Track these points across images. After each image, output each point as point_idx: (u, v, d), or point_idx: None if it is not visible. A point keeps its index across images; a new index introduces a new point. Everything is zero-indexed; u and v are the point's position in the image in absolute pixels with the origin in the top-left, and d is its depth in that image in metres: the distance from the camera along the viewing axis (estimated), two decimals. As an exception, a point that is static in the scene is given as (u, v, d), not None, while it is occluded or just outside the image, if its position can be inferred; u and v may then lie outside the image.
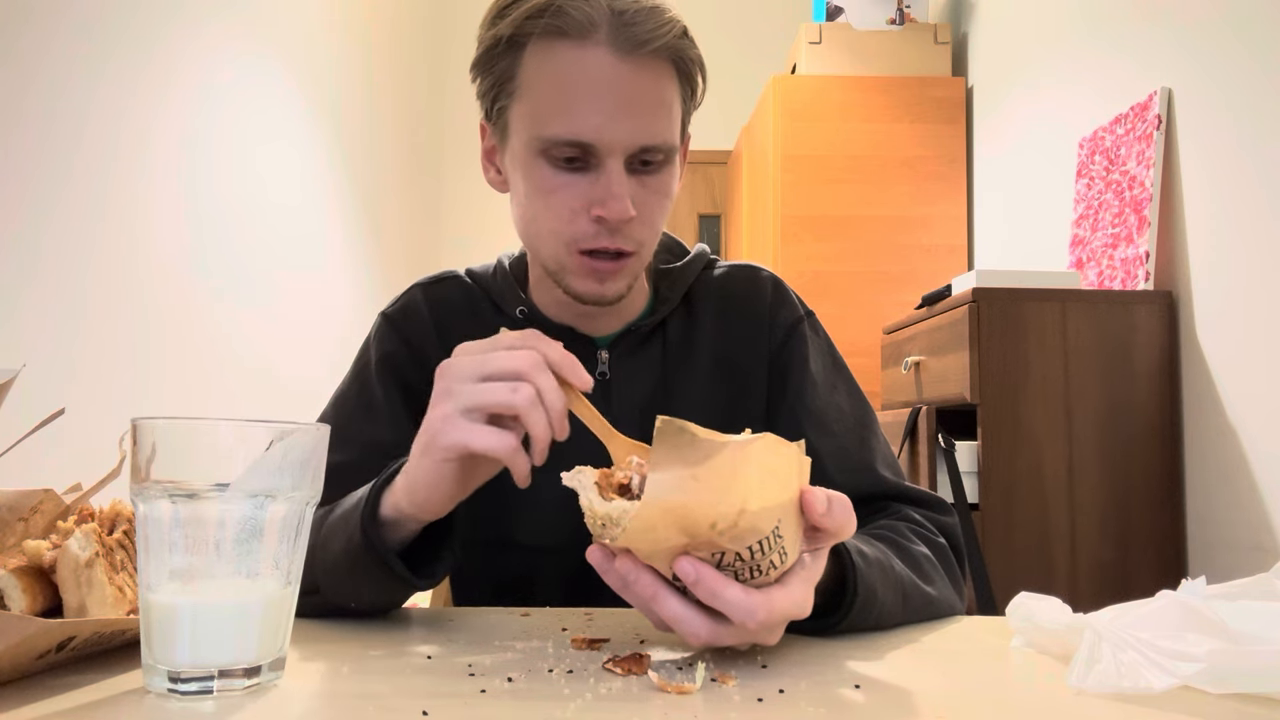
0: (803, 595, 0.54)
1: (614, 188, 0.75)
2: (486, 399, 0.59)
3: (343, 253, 3.12)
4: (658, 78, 0.76)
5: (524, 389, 0.59)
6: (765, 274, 0.95)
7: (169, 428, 0.50)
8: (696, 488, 0.49)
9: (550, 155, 0.76)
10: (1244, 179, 1.73)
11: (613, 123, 0.74)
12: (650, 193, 0.79)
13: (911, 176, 3.05)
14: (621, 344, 0.89)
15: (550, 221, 0.79)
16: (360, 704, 0.48)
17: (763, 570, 0.52)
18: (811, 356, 0.90)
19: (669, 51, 0.76)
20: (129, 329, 1.86)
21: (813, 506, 0.54)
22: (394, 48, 3.75)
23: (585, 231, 0.78)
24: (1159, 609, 0.53)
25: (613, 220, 0.76)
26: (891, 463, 0.88)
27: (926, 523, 0.82)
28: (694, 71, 0.80)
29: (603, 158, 0.76)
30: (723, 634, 0.53)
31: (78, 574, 0.56)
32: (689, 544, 0.51)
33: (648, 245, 0.82)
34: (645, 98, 0.75)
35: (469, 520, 0.87)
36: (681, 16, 0.78)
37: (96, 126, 1.75)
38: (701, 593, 0.51)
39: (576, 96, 0.74)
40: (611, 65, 0.74)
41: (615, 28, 0.74)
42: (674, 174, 0.82)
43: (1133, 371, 1.89)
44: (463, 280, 0.94)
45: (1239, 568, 1.70)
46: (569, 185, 0.77)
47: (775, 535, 0.51)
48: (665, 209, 0.82)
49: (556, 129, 0.75)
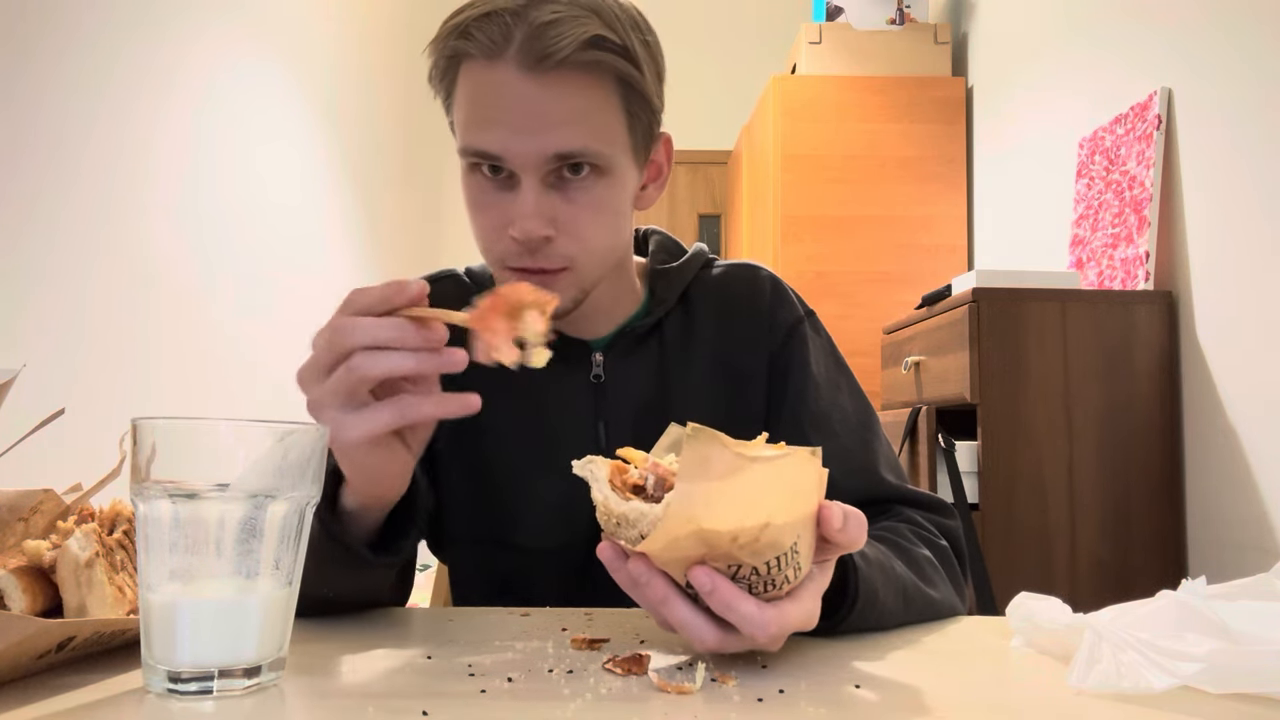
0: (812, 607, 0.55)
1: (523, 206, 0.74)
2: (347, 386, 0.58)
3: (343, 253, 3.12)
4: (573, 89, 0.74)
5: (359, 361, 0.58)
6: (764, 273, 0.94)
7: (169, 428, 0.50)
8: (724, 502, 0.49)
9: (478, 169, 0.77)
10: (1243, 179, 1.73)
11: (517, 138, 0.73)
12: (578, 207, 0.76)
13: (911, 176, 3.05)
14: (616, 346, 0.88)
15: (481, 237, 0.80)
16: (360, 704, 0.48)
17: (777, 585, 0.53)
18: (813, 357, 0.90)
19: (582, 62, 0.73)
20: (129, 329, 1.86)
21: (829, 522, 0.54)
22: (393, 48, 3.75)
23: (508, 249, 0.77)
24: (1159, 609, 0.53)
25: (519, 239, 0.75)
26: (894, 465, 0.87)
27: (928, 525, 0.82)
28: (627, 69, 0.75)
29: (517, 175, 0.75)
30: (730, 642, 0.54)
31: (78, 574, 0.56)
32: (707, 554, 0.51)
33: (582, 259, 0.78)
34: (557, 111, 0.73)
35: (469, 520, 0.88)
36: (606, 18, 0.74)
37: (100, 127, 1.75)
38: (715, 604, 0.52)
39: (487, 111, 0.74)
40: (517, 82, 0.73)
41: (523, 44, 0.72)
42: (613, 187, 0.78)
43: (1133, 371, 1.89)
44: (461, 279, 0.94)
45: (1239, 568, 1.70)
46: (494, 202, 0.77)
47: (793, 550, 0.52)
48: (602, 224, 0.79)
49: (471, 139, 0.76)
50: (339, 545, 0.65)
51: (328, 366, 0.59)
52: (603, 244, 0.80)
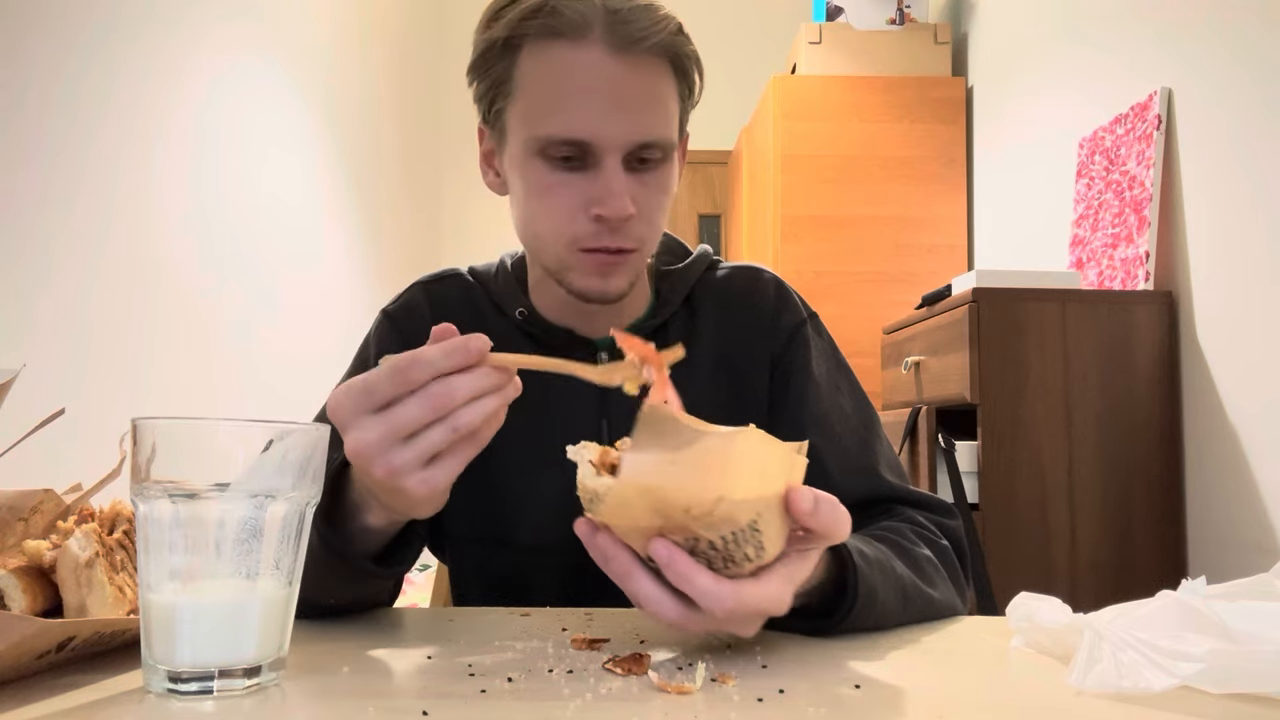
0: (778, 592, 0.54)
1: (613, 185, 0.76)
2: (433, 445, 0.55)
3: (344, 252, 3.12)
4: (653, 75, 0.77)
5: (453, 420, 0.55)
6: (767, 275, 0.95)
7: (169, 428, 0.50)
8: (674, 471, 0.50)
9: (547, 155, 0.77)
10: (1243, 179, 1.73)
11: (608, 120, 0.74)
12: (649, 190, 0.79)
13: (911, 176, 3.05)
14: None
15: (549, 221, 0.79)
16: (360, 704, 0.48)
17: (736, 561, 0.53)
18: (814, 359, 0.90)
19: (664, 48, 0.76)
20: (130, 329, 1.86)
21: (798, 505, 0.53)
22: (394, 48, 3.76)
23: (585, 231, 0.78)
24: (1159, 609, 0.53)
25: (612, 218, 0.76)
26: (895, 466, 0.88)
27: (930, 525, 0.82)
28: (690, 68, 0.80)
29: (600, 156, 0.76)
30: (692, 618, 0.53)
31: (78, 574, 0.56)
32: (664, 526, 0.51)
33: (649, 242, 0.82)
34: (641, 95, 0.76)
35: (468, 519, 0.88)
36: (674, 14, 0.78)
37: (103, 129, 1.76)
38: (672, 576, 0.52)
39: (572, 95, 0.75)
40: (606, 63, 0.74)
41: (609, 26, 0.74)
42: (672, 171, 0.82)
43: (1133, 371, 1.89)
44: (464, 279, 0.94)
45: (1239, 568, 1.70)
46: (567, 184, 0.77)
47: (752, 529, 0.52)
48: (665, 206, 0.82)
49: (552, 128, 0.75)
50: (342, 559, 0.65)
51: (410, 429, 0.55)
52: (661, 224, 0.84)
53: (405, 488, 0.55)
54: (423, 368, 0.54)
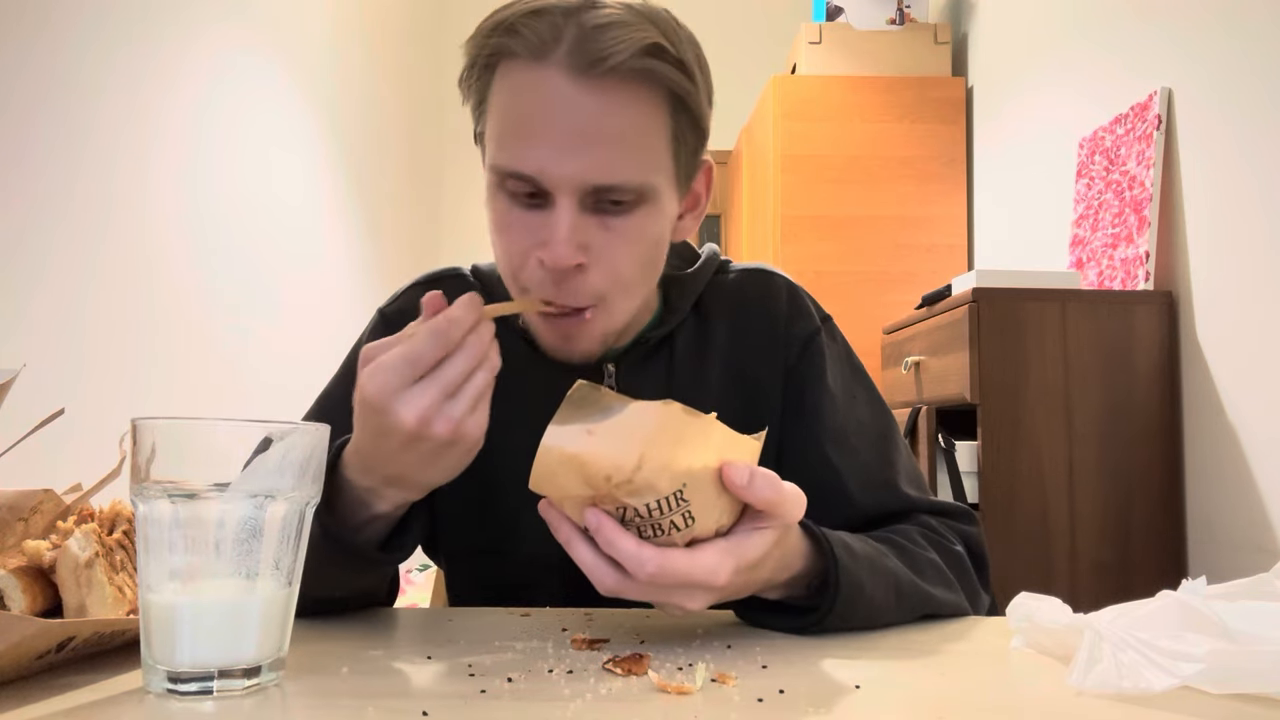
0: (713, 563, 0.56)
1: (555, 230, 0.67)
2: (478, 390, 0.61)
3: (344, 252, 3.12)
4: (625, 104, 0.66)
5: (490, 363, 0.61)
6: (780, 280, 0.90)
7: (169, 428, 0.50)
8: (591, 441, 0.53)
9: (506, 188, 0.70)
10: (1244, 179, 1.73)
11: (560, 156, 0.66)
12: (615, 236, 0.69)
13: (911, 176, 3.05)
14: (629, 356, 0.84)
15: (502, 261, 0.73)
16: (360, 704, 0.48)
17: (664, 530, 0.55)
18: (829, 369, 0.86)
19: (636, 72, 0.66)
20: (130, 329, 1.86)
21: (732, 479, 0.55)
22: (395, 47, 3.76)
23: (532, 277, 0.70)
24: (1159, 609, 0.53)
25: (550, 265, 0.68)
26: (914, 477, 0.85)
27: (943, 530, 0.79)
28: (686, 97, 0.69)
29: (552, 194, 0.67)
30: (626, 586, 0.56)
31: (78, 574, 0.56)
32: (594, 495, 0.54)
33: (615, 299, 0.72)
34: (605, 127, 0.66)
35: (466, 531, 0.86)
36: (664, 28, 0.67)
37: (100, 127, 1.75)
38: (601, 541, 0.55)
39: (526, 124, 0.67)
40: (565, 88, 0.65)
41: (574, 45, 0.65)
42: (654, 217, 0.71)
43: (1133, 371, 1.88)
44: (465, 279, 0.91)
45: (1239, 568, 1.70)
46: (521, 222, 0.70)
47: (678, 498, 0.53)
48: (638, 255, 0.72)
49: (504, 159, 0.68)
50: (348, 550, 0.65)
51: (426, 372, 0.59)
52: (635, 278, 0.73)
53: (466, 433, 0.60)
54: (458, 325, 0.59)
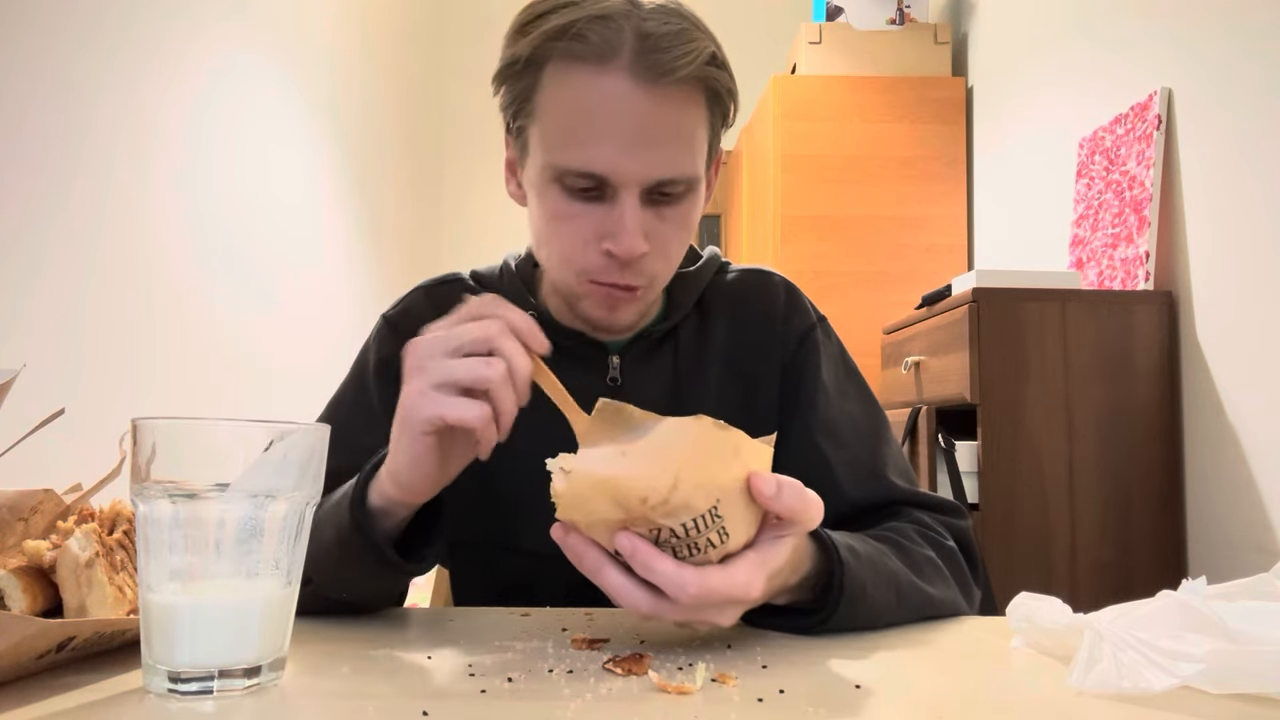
0: (747, 577, 0.55)
1: (627, 224, 0.73)
2: (459, 374, 0.59)
3: (343, 252, 3.12)
4: (681, 107, 0.73)
5: (496, 363, 0.59)
6: (777, 279, 0.94)
7: (169, 428, 0.50)
8: (626, 463, 0.51)
9: (564, 183, 0.74)
10: (1244, 179, 1.73)
11: (628, 155, 0.71)
12: (668, 225, 0.76)
13: (911, 176, 3.05)
14: (633, 349, 0.88)
15: (561, 249, 0.77)
16: (360, 704, 0.48)
17: (700, 548, 0.53)
18: (823, 365, 0.89)
19: (695, 81, 0.72)
20: (129, 328, 1.86)
21: (760, 489, 0.54)
22: (395, 46, 3.76)
23: (594, 264, 0.76)
24: (1159, 609, 0.53)
25: (622, 256, 0.74)
26: (904, 470, 0.87)
27: (936, 526, 0.81)
28: (725, 98, 0.76)
29: (617, 190, 0.73)
30: (664, 608, 0.54)
31: (78, 574, 0.56)
32: (626, 519, 0.53)
33: (661, 277, 0.80)
34: (665, 128, 0.72)
35: (472, 524, 0.87)
36: (707, 32, 0.74)
37: (99, 126, 1.75)
38: (637, 566, 0.53)
39: (591, 125, 0.71)
40: (630, 94, 0.70)
41: (637, 54, 0.70)
42: (696, 204, 0.78)
43: (1133, 371, 1.88)
44: (467, 283, 0.93)
45: (1239, 568, 1.70)
46: (581, 215, 0.75)
47: (713, 514, 0.52)
48: (683, 241, 0.79)
49: (569, 159, 0.72)
50: (368, 544, 0.65)
51: (458, 349, 0.60)
52: (677, 262, 0.81)
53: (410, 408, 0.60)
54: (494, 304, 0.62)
